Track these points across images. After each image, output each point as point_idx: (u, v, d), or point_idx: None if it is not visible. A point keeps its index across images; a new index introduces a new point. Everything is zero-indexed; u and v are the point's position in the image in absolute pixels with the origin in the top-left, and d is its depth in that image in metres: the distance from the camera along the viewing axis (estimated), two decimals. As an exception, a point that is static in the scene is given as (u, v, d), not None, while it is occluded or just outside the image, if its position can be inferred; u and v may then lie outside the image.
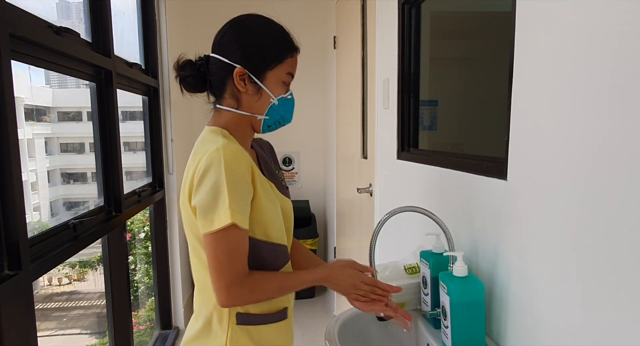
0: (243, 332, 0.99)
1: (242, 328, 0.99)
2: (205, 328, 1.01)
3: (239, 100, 1.05)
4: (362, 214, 2.58)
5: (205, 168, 0.91)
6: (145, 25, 2.64)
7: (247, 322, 1.00)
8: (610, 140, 0.71)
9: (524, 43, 0.96)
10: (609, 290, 0.72)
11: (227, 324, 0.98)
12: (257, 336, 1.01)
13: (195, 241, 1.00)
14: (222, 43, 1.03)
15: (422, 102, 1.80)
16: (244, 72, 1.01)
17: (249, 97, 1.04)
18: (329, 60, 3.69)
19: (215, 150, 0.92)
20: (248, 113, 1.05)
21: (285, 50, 1.05)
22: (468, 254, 1.21)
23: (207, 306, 1.01)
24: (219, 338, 0.98)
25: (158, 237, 2.82)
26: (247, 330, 1.00)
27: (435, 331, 1.18)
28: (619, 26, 0.69)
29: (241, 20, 1.05)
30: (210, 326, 1.00)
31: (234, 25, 1.04)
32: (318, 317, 3.36)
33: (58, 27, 1.40)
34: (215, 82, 1.05)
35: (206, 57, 1.06)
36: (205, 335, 1.00)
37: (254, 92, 1.04)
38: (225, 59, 1.02)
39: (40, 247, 1.27)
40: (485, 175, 1.13)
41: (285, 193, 1.13)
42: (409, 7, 1.75)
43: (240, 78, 1.01)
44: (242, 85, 1.02)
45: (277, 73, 1.05)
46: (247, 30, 1.03)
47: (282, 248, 1.05)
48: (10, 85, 1.05)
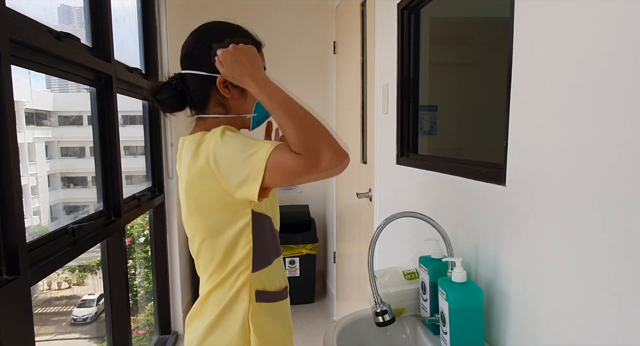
0: (262, 308, 1.03)
1: (262, 305, 1.03)
2: (224, 313, 1.02)
3: (226, 106, 1.06)
4: (361, 219, 2.58)
5: (217, 138, 0.92)
6: (145, 30, 2.65)
7: (265, 299, 1.04)
8: (609, 146, 0.71)
9: (522, 49, 0.96)
10: (609, 296, 0.72)
11: (248, 302, 1.01)
12: (274, 312, 1.06)
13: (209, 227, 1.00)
14: (194, 56, 1.03)
15: (421, 107, 1.80)
16: (225, 79, 1.02)
17: (235, 100, 1.06)
18: (329, 65, 3.70)
19: (214, 130, 0.95)
20: (237, 115, 1.07)
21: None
22: (467, 260, 1.21)
23: (226, 293, 1.01)
24: (240, 315, 1.01)
25: (157, 242, 2.82)
26: (266, 307, 1.04)
27: (434, 337, 1.18)
28: (618, 31, 0.69)
29: (204, 30, 1.06)
30: (231, 309, 1.01)
31: (199, 37, 1.04)
32: (317, 322, 3.35)
33: (58, 32, 1.40)
34: (197, 96, 1.05)
35: (179, 74, 1.05)
36: (225, 318, 1.02)
37: (239, 95, 1.06)
38: (202, 72, 1.02)
39: (39, 252, 1.27)
40: (484, 180, 1.13)
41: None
42: (409, 12, 1.76)
43: (224, 85, 1.03)
44: (227, 92, 1.04)
45: None
46: (214, 38, 1.03)
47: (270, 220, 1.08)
48: (10, 90, 1.05)
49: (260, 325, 1.02)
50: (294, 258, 3.55)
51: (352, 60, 2.77)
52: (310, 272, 3.62)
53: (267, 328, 1.04)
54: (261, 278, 1.04)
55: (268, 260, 1.05)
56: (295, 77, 3.85)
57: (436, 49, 1.90)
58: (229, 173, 0.91)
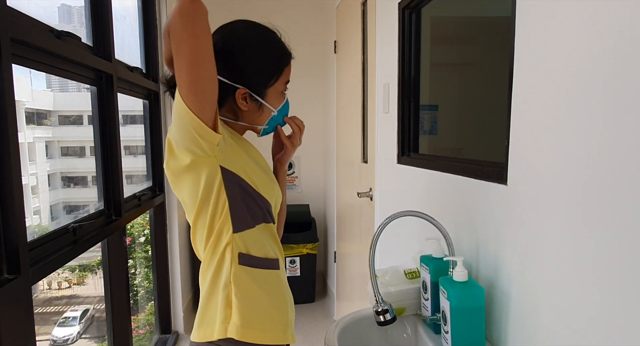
0: (246, 272, 1.01)
1: (245, 269, 1.01)
2: (214, 278, 1.02)
3: (238, 115, 1.06)
4: (362, 218, 2.57)
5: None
6: (146, 30, 2.65)
7: (248, 263, 1.01)
8: (610, 145, 0.71)
9: (523, 48, 0.96)
10: (610, 295, 0.72)
11: (230, 263, 1.00)
12: (259, 279, 1.03)
13: (188, 193, 1.00)
14: (218, 53, 0.98)
15: (422, 106, 1.80)
16: (246, 92, 1.01)
17: (251, 113, 1.05)
18: (329, 64, 3.70)
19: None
20: (247, 124, 1.08)
21: (283, 62, 1.06)
22: (468, 259, 1.21)
23: (214, 257, 1.01)
24: (224, 276, 1.00)
25: (158, 241, 2.82)
26: (248, 270, 1.02)
27: (436, 336, 1.18)
28: (619, 30, 0.69)
29: (236, 33, 1.03)
30: (218, 273, 1.01)
31: (230, 39, 1.01)
32: (318, 322, 3.35)
33: (59, 31, 1.40)
34: None
35: None
36: (214, 284, 1.02)
37: (256, 109, 1.05)
38: (225, 79, 0.99)
39: (39, 251, 1.27)
40: (486, 179, 1.13)
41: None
42: (410, 12, 1.76)
43: (242, 97, 1.02)
44: (244, 105, 1.03)
45: (277, 86, 1.06)
46: (245, 45, 1.01)
47: (267, 203, 1.07)
48: (11, 89, 1.05)
49: (242, 288, 1.00)
50: (295, 257, 3.55)
51: (353, 59, 2.76)
52: (310, 272, 3.62)
53: (251, 293, 1.01)
54: (244, 240, 1.01)
55: (249, 222, 1.02)
56: (295, 76, 3.81)
57: (437, 48, 1.90)
58: (176, 131, 0.93)
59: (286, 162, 1.21)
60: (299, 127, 1.17)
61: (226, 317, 0.99)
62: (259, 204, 1.04)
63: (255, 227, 1.03)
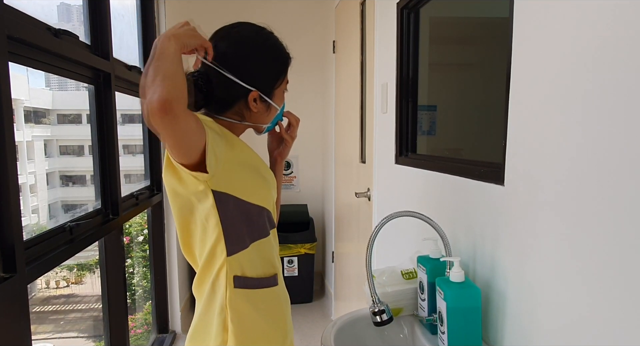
0: (242, 295, 1.01)
1: (241, 291, 1.01)
2: (208, 301, 1.02)
3: (244, 116, 1.06)
4: (360, 218, 2.57)
5: None
6: (144, 28, 2.65)
7: (244, 285, 1.01)
8: (607, 146, 0.71)
9: (521, 49, 0.96)
10: (607, 295, 0.72)
11: (225, 287, 0.99)
12: (255, 300, 1.03)
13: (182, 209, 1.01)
14: (230, 58, 0.99)
15: (420, 107, 1.80)
16: (258, 94, 1.02)
17: (259, 114, 1.06)
18: (328, 64, 3.70)
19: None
20: (252, 124, 1.08)
21: (287, 64, 1.09)
22: (465, 259, 1.21)
23: (207, 280, 1.02)
24: (219, 301, 1.00)
25: (156, 240, 2.81)
26: (244, 293, 1.01)
27: (432, 336, 1.17)
28: (617, 31, 0.69)
29: (244, 38, 1.03)
30: (212, 297, 1.01)
31: (239, 45, 1.02)
32: (316, 322, 3.35)
33: (56, 30, 1.40)
34: (222, 100, 1.03)
35: (204, 70, 1.00)
36: (208, 307, 1.02)
37: (264, 110, 1.06)
38: (239, 80, 0.99)
39: (36, 250, 1.27)
40: (483, 180, 1.13)
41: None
42: (408, 12, 1.76)
43: (254, 100, 1.02)
44: (255, 106, 1.03)
45: (282, 87, 1.09)
46: (254, 50, 1.02)
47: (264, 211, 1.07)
48: (8, 87, 1.05)
49: (238, 312, 1.00)
50: (292, 257, 3.55)
51: (352, 59, 2.76)
52: (308, 272, 3.61)
53: (247, 317, 1.01)
54: (240, 263, 1.01)
55: (243, 244, 1.01)
56: (294, 76, 3.80)
57: (435, 48, 1.90)
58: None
59: (286, 155, 1.23)
60: (297, 120, 1.20)
61: (223, 342, 0.99)
62: (256, 217, 1.05)
63: (249, 247, 1.03)
